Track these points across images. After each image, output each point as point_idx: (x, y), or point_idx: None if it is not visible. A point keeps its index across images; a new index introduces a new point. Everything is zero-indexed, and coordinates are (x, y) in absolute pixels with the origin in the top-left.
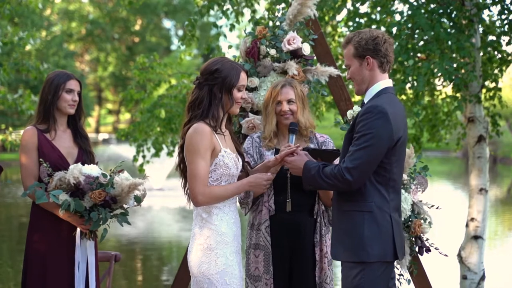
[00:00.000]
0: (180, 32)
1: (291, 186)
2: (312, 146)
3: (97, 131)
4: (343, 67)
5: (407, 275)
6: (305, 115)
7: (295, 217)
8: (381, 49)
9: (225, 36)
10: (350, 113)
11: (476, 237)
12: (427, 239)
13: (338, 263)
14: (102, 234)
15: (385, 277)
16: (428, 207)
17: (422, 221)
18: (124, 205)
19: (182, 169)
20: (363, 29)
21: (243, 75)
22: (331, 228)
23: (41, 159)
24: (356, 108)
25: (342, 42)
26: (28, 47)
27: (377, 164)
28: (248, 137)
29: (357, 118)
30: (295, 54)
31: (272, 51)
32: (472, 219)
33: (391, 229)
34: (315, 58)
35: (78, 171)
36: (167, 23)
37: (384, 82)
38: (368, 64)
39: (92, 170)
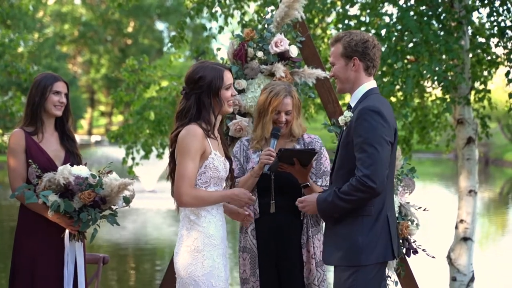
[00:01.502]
0: (172, 35)
1: (275, 187)
2: (298, 147)
3: (89, 133)
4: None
5: (394, 277)
6: (299, 123)
7: (280, 218)
8: (369, 53)
9: (215, 38)
10: (342, 119)
11: (466, 239)
12: (414, 241)
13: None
14: (92, 234)
15: (378, 278)
16: (416, 209)
17: (409, 223)
18: (113, 206)
19: (173, 177)
20: (354, 30)
21: (227, 74)
22: (322, 230)
23: (30, 160)
24: (347, 113)
25: (330, 39)
26: (20, 49)
27: (388, 163)
28: (238, 141)
29: (353, 123)
30: (283, 56)
31: (260, 53)
32: (461, 221)
33: (388, 229)
34: (302, 60)
35: (68, 172)
36: (160, 25)
37: (369, 83)
38: (354, 65)
39: (81, 171)
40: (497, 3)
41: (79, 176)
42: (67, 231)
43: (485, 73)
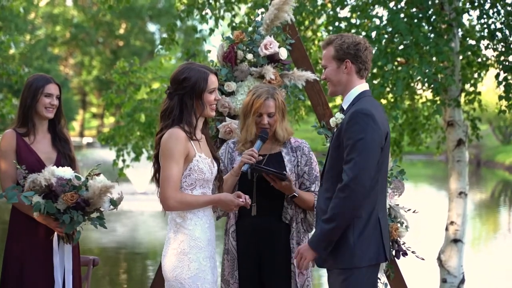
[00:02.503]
0: (163, 37)
1: (257, 190)
2: (285, 150)
3: (81, 135)
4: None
5: (384, 279)
6: (283, 126)
7: (262, 221)
8: (361, 55)
9: (205, 40)
10: (333, 121)
11: (456, 241)
12: (403, 243)
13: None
14: (75, 237)
15: (371, 280)
16: (405, 211)
17: (398, 225)
18: (100, 209)
19: (158, 178)
20: (346, 33)
21: (212, 78)
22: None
23: (14, 161)
24: (339, 115)
25: (322, 42)
26: (11, 51)
27: (376, 168)
28: (225, 143)
29: (344, 125)
30: (272, 59)
31: (249, 56)
32: (451, 223)
33: (379, 231)
34: (292, 62)
35: (50, 173)
36: (152, 27)
37: (361, 86)
38: (346, 68)
39: (65, 172)
40: (487, 6)
41: (62, 177)
42: (55, 233)
43: (475, 75)
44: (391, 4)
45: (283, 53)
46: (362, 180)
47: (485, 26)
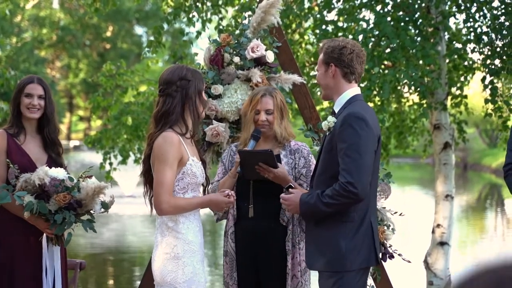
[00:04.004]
0: (150, 40)
1: (254, 192)
2: (284, 152)
3: (68, 138)
4: (311, 74)
5: (370, 282)
6: (283, 125)
7: (259, 223)
8: (345, 59)
9: (192, 43)
10: (325, 124)
11: (442, 243)
12: (390, 246)
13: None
14: (66, 238)
15: (361, 284)
16: (391, 214)
17: (385, 227)
18: (91, 211)
19: (147, 178)
20: (340, 38)
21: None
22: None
23: (8, 160)
24: (331, 119)
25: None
26: None
27: (371, 170)
28: (228, 146)
29: (337, 129)
30: (259, 62)
31: (236, 59)
32: (438, 225)
33: (371, 234)
34: (279, 65)
35: (44, 173)
36: (139, 30)
37: (353, 90)
38: (332, 72)
39: (58, 172)
40: (473, 9)
41: (55, 178)
42: (44, 235)
43: (462, 78)
44: (378, 8)
45: (270, 56)
46: (361, 181)
47: (471, 29)
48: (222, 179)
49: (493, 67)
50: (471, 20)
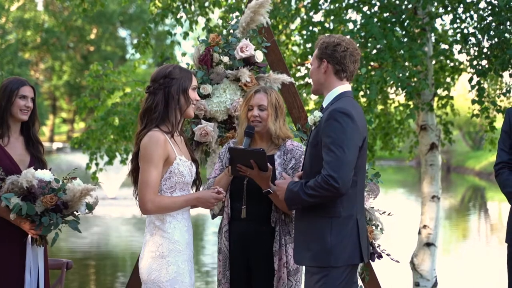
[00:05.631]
0: (136, 41)
1: (247, 193)
2: (278, 153)
3: (51, 140)
4: (296, 75)
5: (359, 281)
6: (278, 124)
7: (250, 224)
8: (337, 56)
9: (179, 44)
10: (311, 119)
11: (429, 244)
12: (378, 245)
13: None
14: (53, 238)
15: (348, 282)
16: (380, 214)
17: (374, 227)
18: (75, 212)
19: (135, 176)
20: (337, 35)
21: (193, 77)
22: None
23: None
24: (317, 113)
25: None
26: None
27: (354, 165)
28: (226, 143)
29: (322, 123)
30: (248, 62)
31: (225, 59)
32: (424, 226)
33: (357, 232)
34: (267, 65)
35: (31, 175)
36: (123, 32)
37: (343, 87)
38: (324, 68)
39: (45, 174)
40: (460, 10)
41: (42, 179)
42: (29, 236)
43: (448, 79)
44: (365, 9)
45: (259, 56)
46: (343, 176)
47: (458, 30)
48: (218, 176)
49: (480, 68)
50: (458, 21)
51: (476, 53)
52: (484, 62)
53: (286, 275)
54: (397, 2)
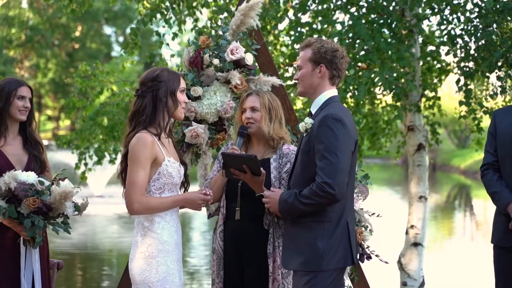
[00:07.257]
0: (121, 39)
1: (242, 194)
2: (274, 157)
3: None
4: (285, 75)
5: (348, 282)
6: (272, 125)
7: (244, 226)
8: (337, 62)
9: (167, 44)
10: (302, 126)
11: (416, 244)
12: (367, 246)
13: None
14: (36, 241)
15: (336, 284)
16: (369, 215)
17: (363, 228)
18: (65, 213)
19: (124, 178)
20: (327, 39)
21: (182, 79)
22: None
23: None
24: (308, 120)
25: (301, 44)
26: None
27: (348, 171)
28: (225, 144)
29: (314, 130)
30: (238, 64)
31: (216, 61)
32: (412, 226)
33: (348, 235)
34: (257, 67)
35: (11, 178)
36: (108, 30)
37: (331, 91)
38: (320, 72)
39: (28, 176)
40: (447, 12)
41: (24, 182)
42: (22, 237)
43: (435, 80)
44: (353, 10)
45: (249, 58)
46: (338, 182)
47: (445, 32)
48: (215, 177)
49: (467, 69)
50: (445, 22)
51: (463, 55)
52: (471, 64)
53: (281, 277)
54: (385, 3)
